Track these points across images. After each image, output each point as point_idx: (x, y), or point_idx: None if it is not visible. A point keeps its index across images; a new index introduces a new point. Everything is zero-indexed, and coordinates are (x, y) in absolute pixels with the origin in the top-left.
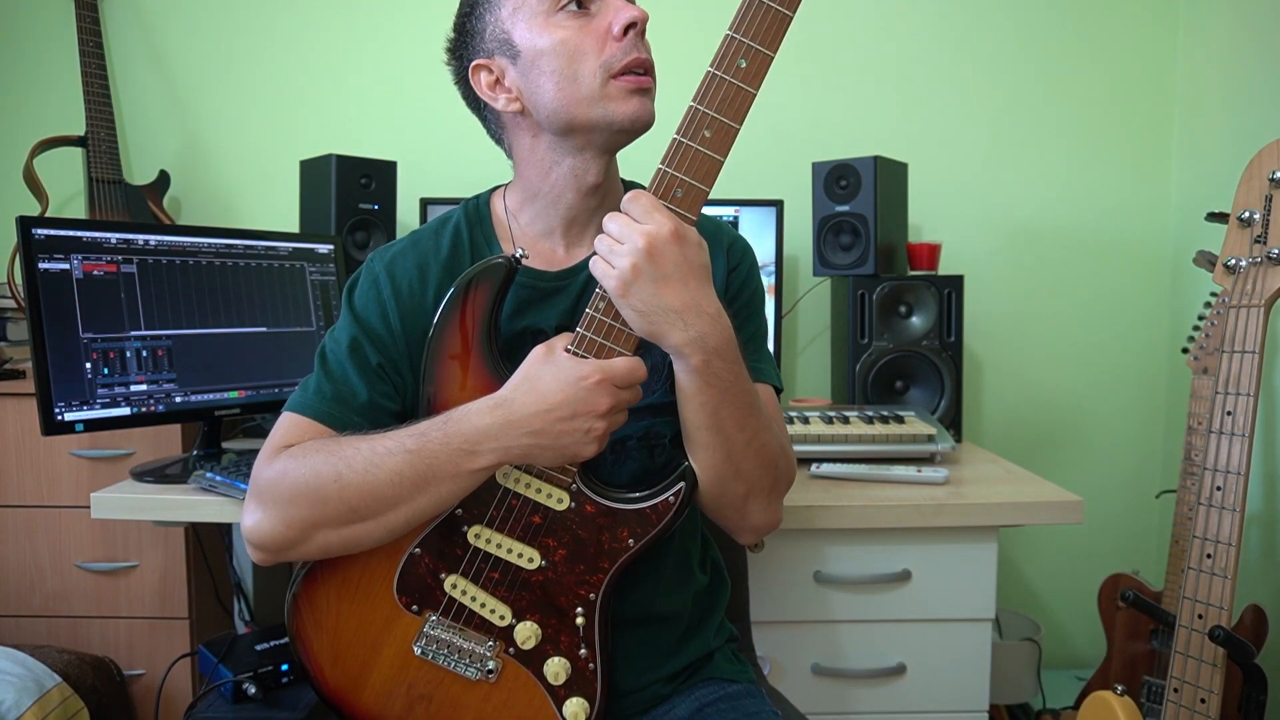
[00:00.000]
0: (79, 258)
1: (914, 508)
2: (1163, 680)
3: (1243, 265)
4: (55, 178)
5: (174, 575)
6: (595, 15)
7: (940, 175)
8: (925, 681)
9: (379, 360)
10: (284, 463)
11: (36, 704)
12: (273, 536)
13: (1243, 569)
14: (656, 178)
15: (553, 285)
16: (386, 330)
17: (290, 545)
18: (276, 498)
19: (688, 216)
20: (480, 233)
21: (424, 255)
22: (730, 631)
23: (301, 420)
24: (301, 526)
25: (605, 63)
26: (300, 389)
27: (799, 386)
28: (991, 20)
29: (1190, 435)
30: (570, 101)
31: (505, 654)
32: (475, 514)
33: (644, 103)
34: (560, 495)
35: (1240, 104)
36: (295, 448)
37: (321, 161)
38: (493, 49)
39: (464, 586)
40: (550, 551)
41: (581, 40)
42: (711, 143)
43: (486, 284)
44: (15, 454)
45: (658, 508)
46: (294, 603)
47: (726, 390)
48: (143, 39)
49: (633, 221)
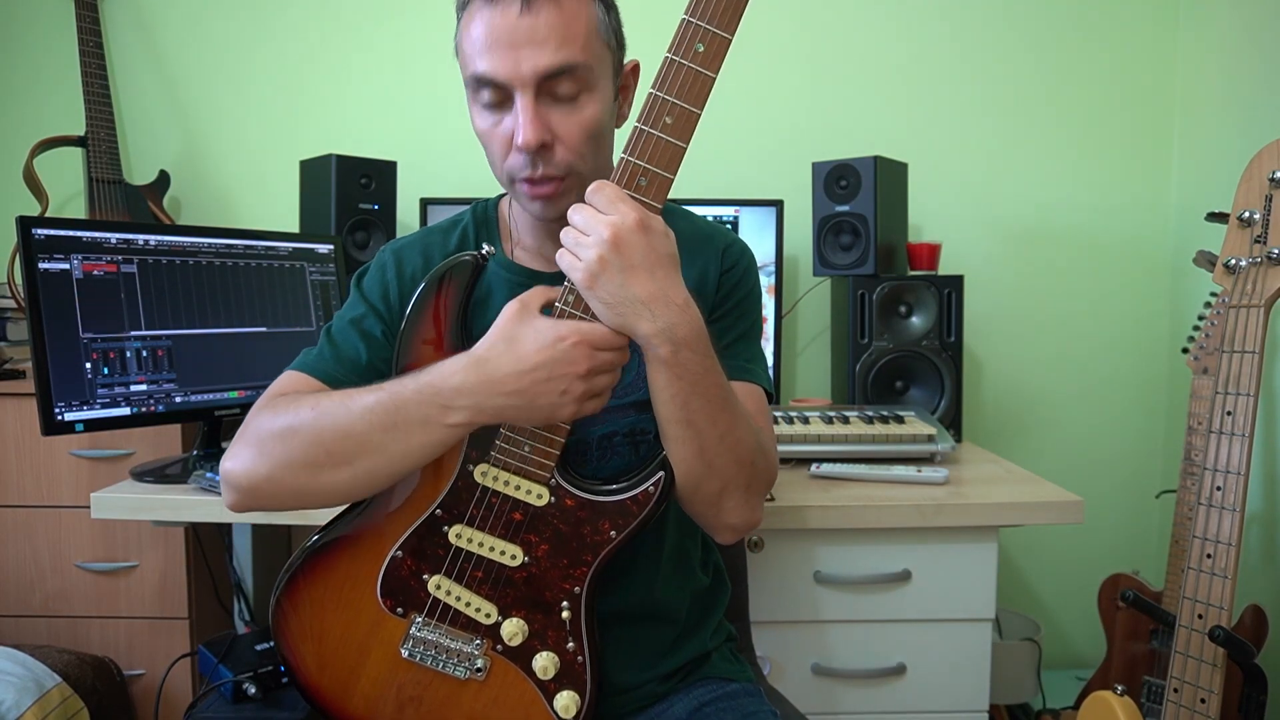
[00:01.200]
0: (79, 258)
1: (914, 508)
2: (1163, 680)
3: (1243, 265)
4: (55, 178)
5: (174, 575)
6: (505, 115)
7: (940, 175)
8: (925, 682)
9: (382, 330)
10: (274, 408)
11: (36, 704)
12: (246, 473)
13: (1243, 569)
14: (620, 167)
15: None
16: (388, 309)
17: (262, 482)
18: (256, 437)
19: (653, 205)
20: (485, 233)
21: (430, 248)
22: (729, 631)
23: (298, 375)
24: (272, 463)
25: (508, 169)
26: (303, 354)
27: (799, 386)
28: (991, 20)
29: (1190, 435)
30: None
31: (493, 651)
32: (455, 514)
33: (546, 207)
34: (540, 491)
35: (1240, 104)
36: (286, 396)
37: (321, 161)
38: None
39: (448, 586)
40: (532, 547)
41: (491, 140)
42: (673, 129)
43: (457, 279)
44: (15, 454)
45: (638, 498)
46: (278, 610)
47: (696, 383)
48: (143, 39)
49: (597, 213)
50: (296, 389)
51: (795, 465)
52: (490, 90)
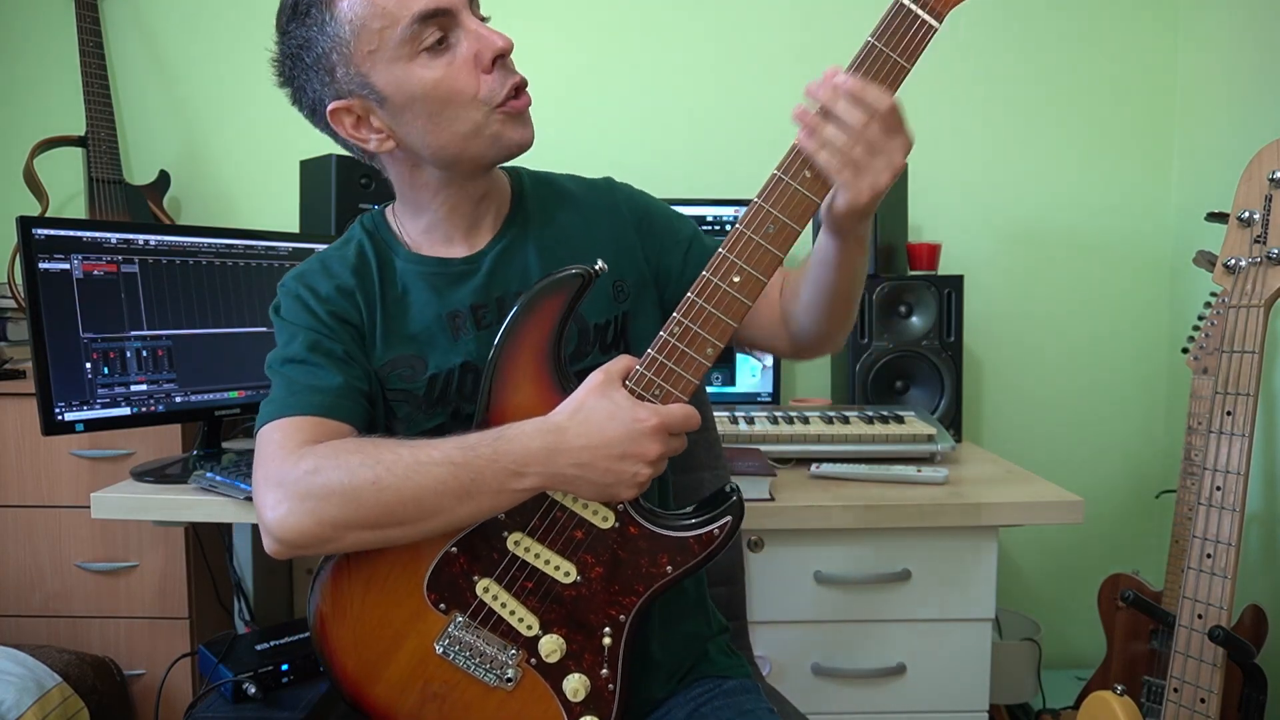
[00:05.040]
0: (79, 258)
1: (914, 508)
2: (1163, 680)
3: (1243, 265)
4: (55, 178)
5: (174, 575)
6: (456, 46)
7: (940, 175)
8: (925, 681)
9: (342, 349)
10: (315, 459)
11: (36, 704)
12: (301, 533)
13: (1243, 569)
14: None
15: (462, 269)
16: (326, 328)
17: (319, 542)
18: (308, 494)
19: None
20: (381, 241)
21: (330, 268)
22: (722, 623)
23: (293, 420)
24: (334, 525)
25: (486, 99)
26: (265, 404)
27: (799, 386)
28: (992, 20)
29: (1190, 435)
30: (453, 140)
31: (527, 664)
32: (518, 521)
33: (528, 123)
34: (606, 514)
35: (1240, 104)
36: (324, 445)
37: (321, 161)
38: (350, 90)
39: (496, 592)
40: (588, 568)
41: (454, 79)
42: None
43: (561, 293)
44: (15, 454)
45: (702, 539)
46: (319, 587)
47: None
48: (143, 39)
49: (890, 129)
50: (303, 432)
51: (795, 465)
52: (434, 26)
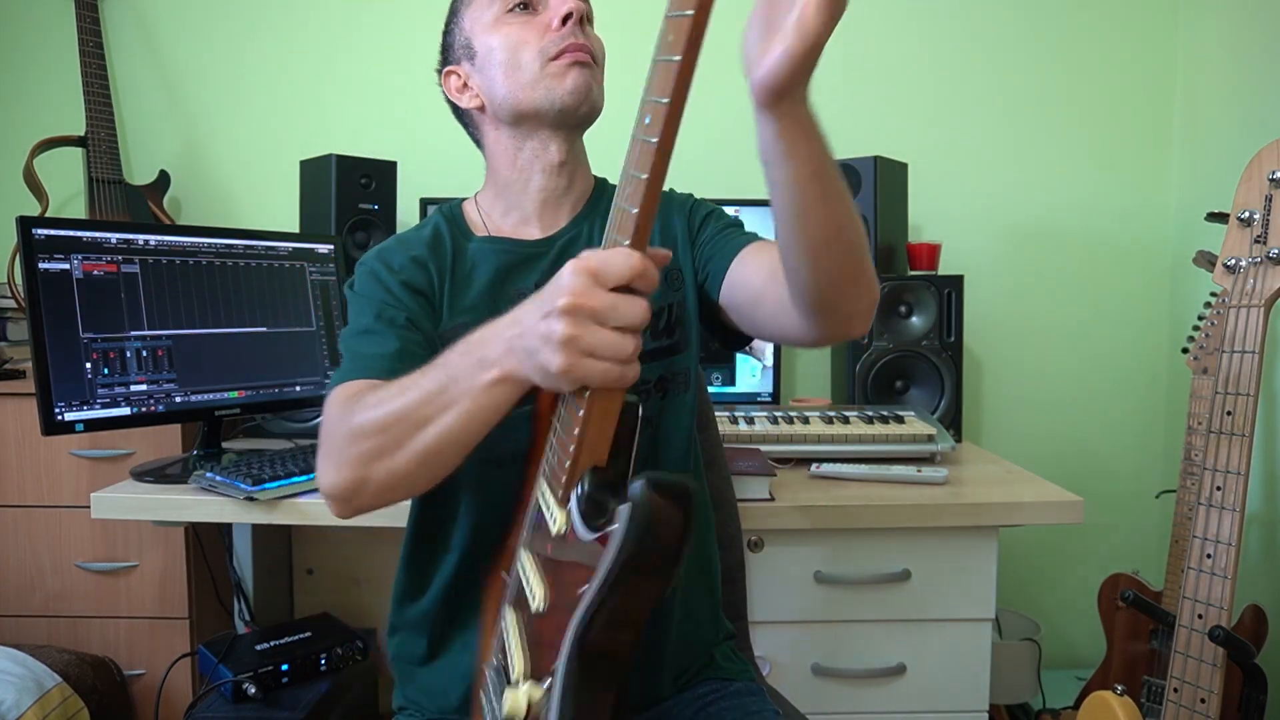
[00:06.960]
0: (79, 258)
1: (914, 508)
2: (1163, 680)
3: (1243, 265)
4: (55, 178)
5: (174, 575)
6: (540, 12)
7: (940, 175)
8: (925, 681)
9: (405, 316)
10: (338, 416)
11: (36, 704)
12: (336, 482)
13: (1243, 569)
14: None
15: (532, 250)
16: (394, 298)
17: (356, 486)
18: (334, 445)
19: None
20: (456, 226)
21: (407, 243)
22: (728, 629)
23: (352, 384)
24: (354, 464)
25: (543, 49)
26: (336, 373)
27: (799, 386)
28: (992, 20)
29: (1190, 435)
30: (515, 87)
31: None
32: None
33: (582, 75)
34: (557, 514)
35: (1240, 104)
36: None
37: (321, 161)
38: (459, 56)
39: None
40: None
41: (525, 33)
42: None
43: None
44: (15, 454)
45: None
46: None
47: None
48: (143, 39)
49: None
50: (359, 392)
51: (795, 465)
52: None
